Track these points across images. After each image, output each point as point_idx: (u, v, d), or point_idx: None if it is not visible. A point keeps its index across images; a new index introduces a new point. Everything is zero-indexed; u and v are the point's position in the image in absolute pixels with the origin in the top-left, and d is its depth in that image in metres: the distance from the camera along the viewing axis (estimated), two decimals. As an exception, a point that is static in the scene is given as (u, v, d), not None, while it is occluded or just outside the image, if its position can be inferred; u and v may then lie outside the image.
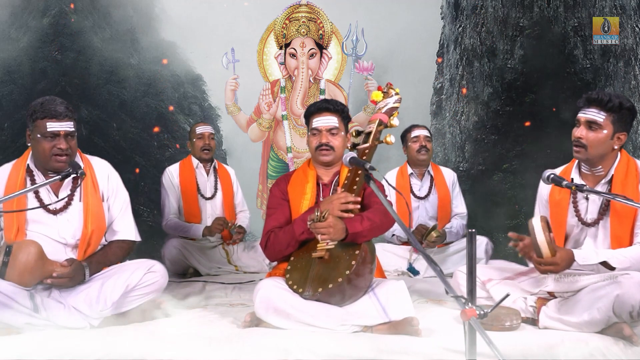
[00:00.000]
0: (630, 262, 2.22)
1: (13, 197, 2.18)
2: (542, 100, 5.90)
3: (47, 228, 2.40)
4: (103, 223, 2.49)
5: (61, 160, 2.36)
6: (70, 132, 2.39)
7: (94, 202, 2.47)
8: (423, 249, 2.06)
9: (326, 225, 2.24)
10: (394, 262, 3.83)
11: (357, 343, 2.07)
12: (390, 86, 2.69)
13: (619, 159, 2.37)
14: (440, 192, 4.05)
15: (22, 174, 2.42)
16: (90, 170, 2.51)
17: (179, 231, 4.07)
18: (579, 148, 2.35)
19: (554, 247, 2.20)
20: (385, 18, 6.13)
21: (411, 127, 4.08)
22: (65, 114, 2.36)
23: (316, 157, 2.58)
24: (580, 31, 6.10)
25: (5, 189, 2.39)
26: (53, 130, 2.34)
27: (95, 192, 2.49)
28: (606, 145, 2.32)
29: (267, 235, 2.47)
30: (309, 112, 2.62)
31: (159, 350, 2.01)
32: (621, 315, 2.09)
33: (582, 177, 2.43)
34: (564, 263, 2.20)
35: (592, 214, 2.39)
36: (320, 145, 2.54)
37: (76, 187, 2.45)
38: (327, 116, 2.56)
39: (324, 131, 2.55)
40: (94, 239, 2.45)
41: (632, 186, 2.32)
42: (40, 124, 2.35)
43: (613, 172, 2.36)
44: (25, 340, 2.09)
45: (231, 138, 6.34)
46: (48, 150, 2.35)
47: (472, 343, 1.50)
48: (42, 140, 2.35)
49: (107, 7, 6.46)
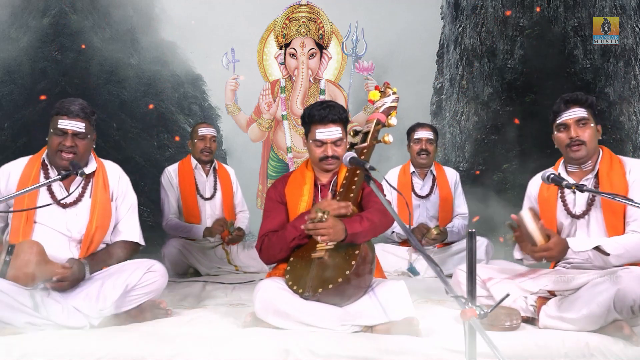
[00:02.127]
0: (624, 249, 2.26)
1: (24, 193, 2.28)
2: (542, 100, 5.90)
3: (55, 221, 2.44)
4: (108, 221, 2.53)
5: (66, 157, 2.42)
6: (78, 133, 2.44)
7: (102, 200, 2.51)
8: (423, 248, 2.07)
9: (326, 226, 2.24)
10: (394, 262, 3.83)
11: (357, 343, 2.07)
12: (387, 85, 2.68)
13: (601, 153, 2.48)
14: (442, 192, 4.04)
15: (36, 168, 2.49)
16: (103, 171, 2.58)
17: (179, 232, 4.07)
18: (579, 146, 2.42)
19: (546, 233, 2.22)
20: (385, 18, 6.13)
21: (416, 126, 4.05)
22: (77, 113, 2.44)
23: (321, 166, 2.57)
24: (580, 31, 6.10)
25: (19, 182, 2.45)
26: (62, 127, 2.42)
27: (105, 191, 2.54)
28: (595, 139, 2.45)
29: (261, 239, 2.49)
30: (311, 118, 2.55)
31: (159, 350, 2.01)
32: (622, 311, 2.09)
33: (569, 174, 2.52)
34: (557, 247, 2.21)
35: (580, 207, 2.46)
36: (326, 157, 2.54)
37: (88, 183, 2.52)
38: (331, 127, 2.51)
39: (329, 143, 2.53)
40: (97, 235, 2.48)
41: (619, 176, 2.39)
42: (54, 119, 2.44)
43: (598, 167, 2.45)
44: (25, 340, 2.08)
45: (231, 138, 6.34)
46: (55, 146, 2.43)
47: (472, 343, 1.50)
48: (52, 136, 2.44)
49: (107, 7, 6.46)
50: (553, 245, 2.19)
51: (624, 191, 2.35)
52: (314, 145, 2.56)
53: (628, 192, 2.35)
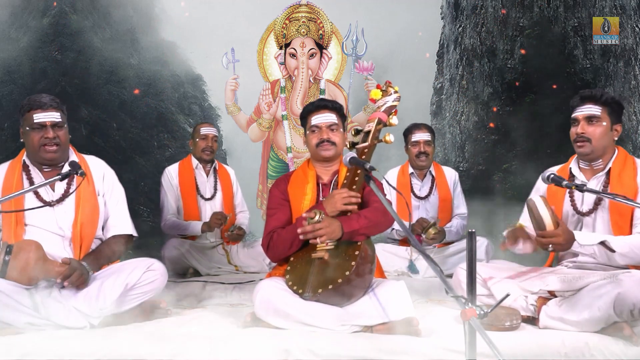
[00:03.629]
0: (630, 248, 2.24)
1: (13, 197, 2.23)
2: (542, 100, 5.90)
3: (45, 220, 2.44)
4: (96, 216, 2.52)
5: (51, 150, 2.43)
6: (56, 122, 2.45)
7: (86, 196, 2.50)
8: (422, 248, 2.06)
9: (322, 226, 2.24)
10: (394, 262, 3.82)
11: (357, 343, 2.07)
12: (389, 84, 2.67)
13: (616, 153, 2.47)
14: (441, 193, 4.02)
15: (18, 171, 2.48)
16: (84, 165, 2.57)
17: (177, 230, 4.07)
18: (583, 142, 2.43)
19: (556, 220, 2.18)
20: (385, 18, 6.13)
21: (412, 128, 4.01)
22: (50, 104, 2.45)
23: (317, 152, 2.59)
24: (580, 31, 6.10)
25: (3, 187, 2.43)
26: (39, 120, 2.42)
27: (88, 185, 2.53)
28: (608, 137, 2.43)
29: (269, 236, 2.47)
30: (307, 111, 2.64)
31: (159, 350, 2.01)
32: (622, 314, 2.09)
33: (581, 171, 2.52)
34: (565, 235, 2.15)
35: (587, 205, 2.47)
36: (322, 141, 2.56)
37: (72, 180, 2.51)
38: (325, 113, 2.59)
39: (324, 127, 2.57)
40: (85, 231, 2.47)
41: (630, 178, 2.39)
42: (27, 116, 2.44)
43: (611, 165, 2.44)
44: (25, 340, 2.09)
45: (231, 138, 6.33)
46: (37, 141, 2.42)
47: (472, 343, 1.50)
48: (30, 132, 2.44)
49: (107, 7, 6.45)
50: (561, 232, 2.15)
51: (632, 193, 2.34)
52: (310, 133, 2.60)
53: (637, 194, 2.35)
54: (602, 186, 2.44)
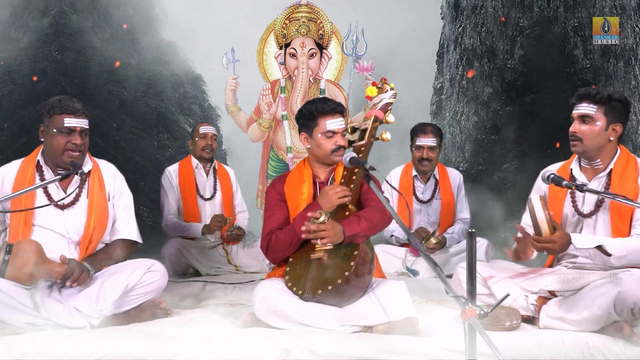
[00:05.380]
0: (627, 251, 2.23)
1: (22, 194, 2.25)
2: (542, 100, 5.90)
3: (54, 222, 2.44)
4: (105, 220, 2.54)
5: (74, 155, 2.43)
6: (85, 130, 2.47)
7: (99, 200, 2.52)
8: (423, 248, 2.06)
9: (325, 228, 2.23)
10: (394, 263, 3.80)
11: (357, 343, 2.07)
12: (384, 81, 2.65)
13: (618, 153, 2.44)
14: (444, 198, 3.93)
15: (31, 170, 2.48)
16: (98, 170, 2.59)
17: (178, 231, 4.07)
18: (575, 141, 2.41)
19: (553, 225, 2.19)
20: (385, 18, 6.13)
21: (419, 130, 3.90)
22: (82, 111, 2.47)
23: (331, 158, 2.56)
24: (580, 31, 6.10)
25: (14, 184, 2.44)
26: (70, 125, 2.42)
27: (101, 190, 2.55)
28: (602, 137, 2.39)
29: (267, 238, 2.46)
30: (318, 111, 2.55)
31: (159, 350, 2.01)
32: (622, 313, 2.09)
33: (582, 170, 2.49)
34: (561, 241, 2.17)
35: (589, 206, 2.44)
36: (339, 148, 2.54)
37: (84, 183, 2.52)
38: (339, 118, 2.56)
39: (339, 133, 2.55)
40: (95, 235, 2.49)
41: (631, 179, 2.37)
42: (57, 119, 2.43)
43: (612, 166, 2.41)
44: (25, 340, 2.09)
45: (231, 138, 6.33)
46: (62, 145, 2.42)
47: (472, 343, 1.50)
48: (57, 135, 2.43)
49: (107, 7, 6.46)
50: (557, 238, 2.16)
51: (634, 195, 2.33)
52: (325, 137, 2.54)
53: (638, 196, 2.33)
54: (603, 188, 2.41)
